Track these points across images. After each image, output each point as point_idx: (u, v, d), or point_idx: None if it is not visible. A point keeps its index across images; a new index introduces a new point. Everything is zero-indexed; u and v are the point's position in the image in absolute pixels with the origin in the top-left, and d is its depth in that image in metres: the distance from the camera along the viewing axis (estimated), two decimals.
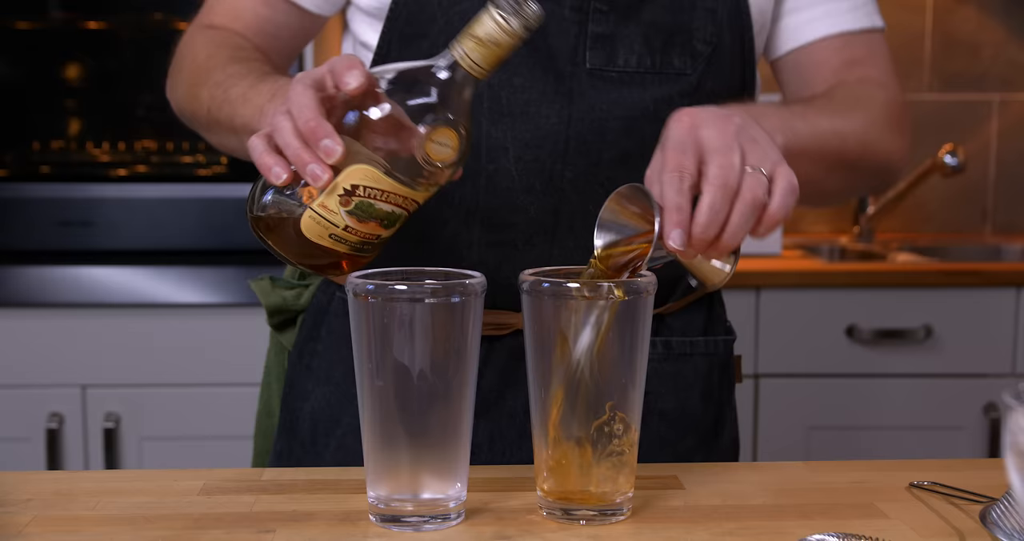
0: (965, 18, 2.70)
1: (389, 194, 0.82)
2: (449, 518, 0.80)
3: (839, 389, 2.21)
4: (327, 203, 0.81)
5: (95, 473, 0.94)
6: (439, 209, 1.02)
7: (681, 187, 0.81)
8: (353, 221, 0.82)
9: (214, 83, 1.03)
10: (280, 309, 1.21)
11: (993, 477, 0.90)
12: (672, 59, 1.03)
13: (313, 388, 1.12)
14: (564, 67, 1.01)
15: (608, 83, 1.02)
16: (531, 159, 1.01)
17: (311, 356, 1.14)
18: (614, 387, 0.80)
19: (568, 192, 1.02)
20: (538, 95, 1.01)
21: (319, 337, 1.14)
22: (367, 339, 0.78)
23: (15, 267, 2.07)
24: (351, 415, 1.07)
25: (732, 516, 0.83)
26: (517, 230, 1.03)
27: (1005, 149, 2.76)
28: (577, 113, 1.01)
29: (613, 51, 1.02)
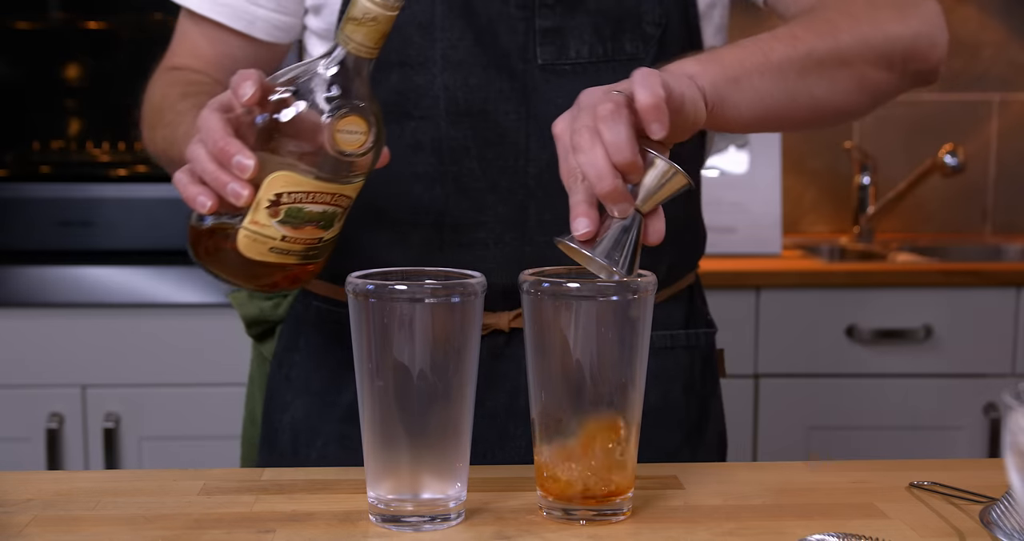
0: (965, 18, 2.70)
1: (315, 194, 0.81)
2: (449, 518, 0.80)
3: (839, 389, 2.21)
4: (257, 218, 0.81)
5: (95, 473, 0.94)
6: (408, 213, 1.03)
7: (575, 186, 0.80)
8: (288, 230, 0.82)
9: (165, 123, 1.03)
10: (258, 320, 1.21)
11: (993, 477, 0.90)
12: (624, 45, 1.03)
13: (292, 399, 1.12)
14: (516, 65, 1.01)
15: (562, 76, 1.02)
16: (494, 158, 1.02)
17: (290, 366, 1.14)
18: (614, 387, 0.80)
19: (534, 188, 1.02)
20: (495, 94, 1.01)
21: (297, 347, 1.13)
22: (367, 339, 0.78)
23: (15, 267, 2.07)
24: (331, 425, 1.08)
25: (732, 516, 0.83)
26: (487, 229, 1.03)
27: (1005, 149, 2.76)
28: (535, 109, 1.01)
29: (564, 44, 1.02)
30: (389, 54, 1.00)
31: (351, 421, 1.05)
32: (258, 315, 1.21)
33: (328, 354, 1.10)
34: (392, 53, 1.01)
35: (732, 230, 2.40)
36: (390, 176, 0.97)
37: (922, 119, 2.75)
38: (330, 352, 1.10)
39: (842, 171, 2.75)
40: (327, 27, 1.06)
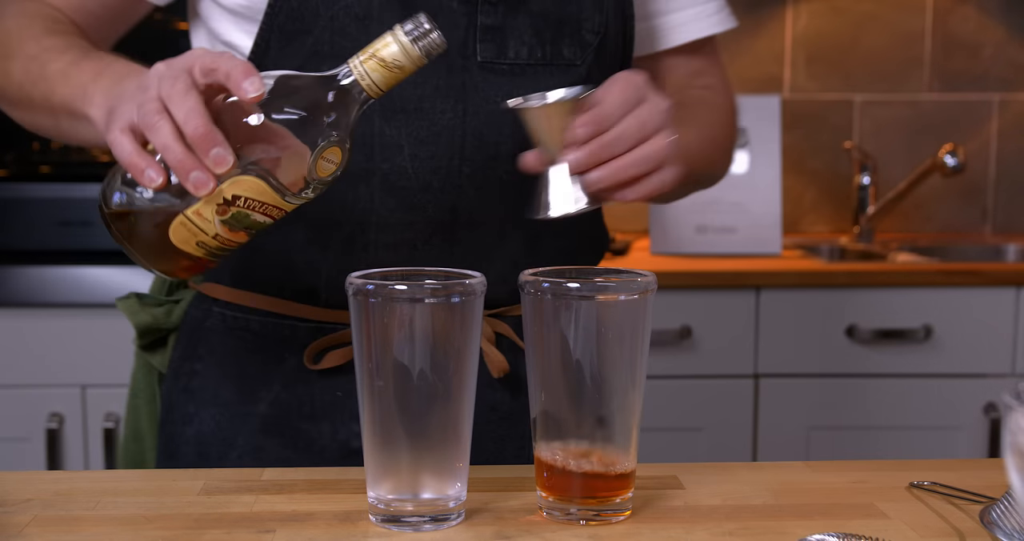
0: (965, 18, 2.70)
1: (268, 206, 0.80)
2: (449, 518, 0.80)
3: (839, 389, 2.21)
4: (203, 211, 0.79)
5: (95, 473, 0.94)
6: (332, 211, 1.00)
7: (625, 100, 0.86)
8: (225, 230, 0.80)
9: (28, 56, 0.98)
10: (151, 328, 1.16)
11: (993, 477, 0.90)
12: (562, 50, 1.03)
13: (197, 411, 1.08)
14: (455, 61, 1.00)
15: (500, 76, 1.01)
16: (427, 156, 0.99)
17: (189, 377, 1.09)
18: (614, 387, 0.80)
19: (466, 188, 1.00)
20: (432, 91, 0.99)
21: (197, 356, 1.09)
22: (367, 339, 0.78)
23: (15, 267, 2.07)
24: (246, 437, 1.05)
25: (732, 516, 0.83)
26: (415, 230, 1.01)
27: (1005, 149, 2.76)
28: (472, 107, 1.00)
29: (503, 43, 1.01)
30: (321, 46, 0.99)
31: (267, 432, 1.05)
32: (151, 323, 1.15)
33: (235, 363, 1.07)
34: (324, 45, 0.99)
35: (732, 230, 2.40)
36: None
37: (922, 119, 2.75)
38: (237, 361, 1.07)
39: (842, 171, 2.75)
40: (248, 4, 1.01)
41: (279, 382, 1.05)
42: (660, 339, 2.12)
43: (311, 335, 1.04)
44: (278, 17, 1.00)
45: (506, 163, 1.00)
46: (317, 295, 1.03)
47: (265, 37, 1.00)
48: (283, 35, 1.00)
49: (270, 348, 1.06)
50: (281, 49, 1.00)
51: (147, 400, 1.18)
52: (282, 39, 1.00)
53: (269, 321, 1.06)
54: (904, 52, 2.73)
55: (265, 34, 1.00)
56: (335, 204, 0.99)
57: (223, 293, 1.09)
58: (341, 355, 1.02)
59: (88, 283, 2.07)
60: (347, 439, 1.04)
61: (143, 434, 1.18)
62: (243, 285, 1.07)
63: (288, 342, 1.05)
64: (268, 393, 1.05)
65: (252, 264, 1.05)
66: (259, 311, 1.06)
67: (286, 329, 1.05)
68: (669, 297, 2.13)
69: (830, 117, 2.75)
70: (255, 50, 1.01)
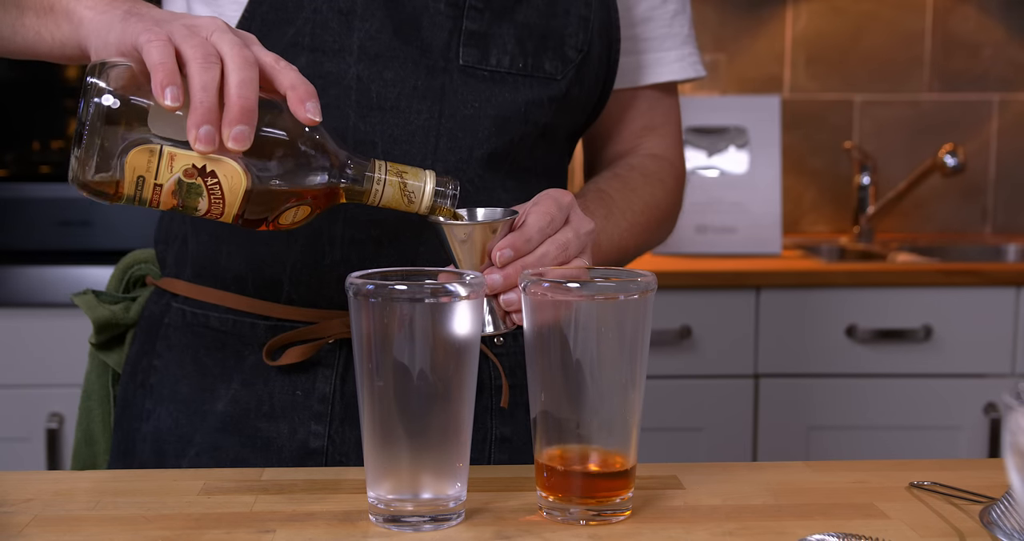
0: (965, 18, 2.71)
1: (221, 202, 0.79)
2: (449, 518, 0.80)
3: (839, 389, 2.21)
4: (176, 159, 0.77)
5: (95, 473, 0.94)
6: None
7: (544, 227, 0.86)
8: (170, 189, 0.77)
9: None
10: (109, 324, 1.13)
11: (993, 477, 0.90)
12: (543, 63, 1.03)
13: (154, 407, 1.07)
14: (437, 62, 1.00)
15: (480, 81, 1.01)
16: (399, 155, 0.99)
17: (147, 373, 1.08)
18: (614, 387, 0.80)
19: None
20: (409, 90, 0.99)
21: (156, 352, 1.08)
22: (367, 339, 0.78)
23: (15, 267, 2.07)
24: (204, 434, 1.04)
25: (732, 516, 0.83)
26: (383, 227, 1.00)
27: (1005, 149, 2.76)
28: (448, 109, 1.00)
29: (486, 49, 1.01)
30: (301, 37, 0.98)
31: (226, 430, 1.04)
32: (109, 318, 1.12)
33: (193, 360, 1.06)
34: (305, 37, 0.99)
35: (732, 230, 2.41)
36: None
37: (922, 119, 2.75)
38: (195, 358, 1.06)
39: (842, 171, 2.75)
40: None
41: (238, 380, 1.04)
42: (660, 339, 2.12)
43: (270, 332, 1.03)
44: (262, 5, 0.99)
45: (477, 167, 1.01)
46: (280, 290, 1.03)
47: (246, 25, 1.00)
48: (264, 24, 1.00)
49: (229, 345, 1.05)
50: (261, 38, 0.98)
51: (100, 402, 1.16)
52: (263, 28, 1.00)
53: (229, 318, 1.05)
54: (904, 52, 2.73)
55: (246, 22, 1.00)
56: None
57: (182, 288, 1.07)
58: (300, 352, 1.01)
59: (88, 283, 2.07)
60: (305, 439, 1.03)
61: (96, 437, 1.16)
62: (204, 279, 1.06)
63: (248, 340, 1.04)
64: (227, 391, 1.04)
65: (216, 253, 1.04)
66: (219, 307, 1.05)
67: (245, 326, 1.04)
68: (669, 297, 2.13)
69: (830, 117, 2.75)
70: None
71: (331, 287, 1.02)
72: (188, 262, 1.07)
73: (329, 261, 1.01)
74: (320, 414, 1.03)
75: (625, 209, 1.08)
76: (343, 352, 1.03)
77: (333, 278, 1.01)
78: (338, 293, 1.01)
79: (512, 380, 1.07)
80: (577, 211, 0.90)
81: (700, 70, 1.19)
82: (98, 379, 1.17)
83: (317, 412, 1.03)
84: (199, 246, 1.06)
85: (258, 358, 1.03)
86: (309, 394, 1.03)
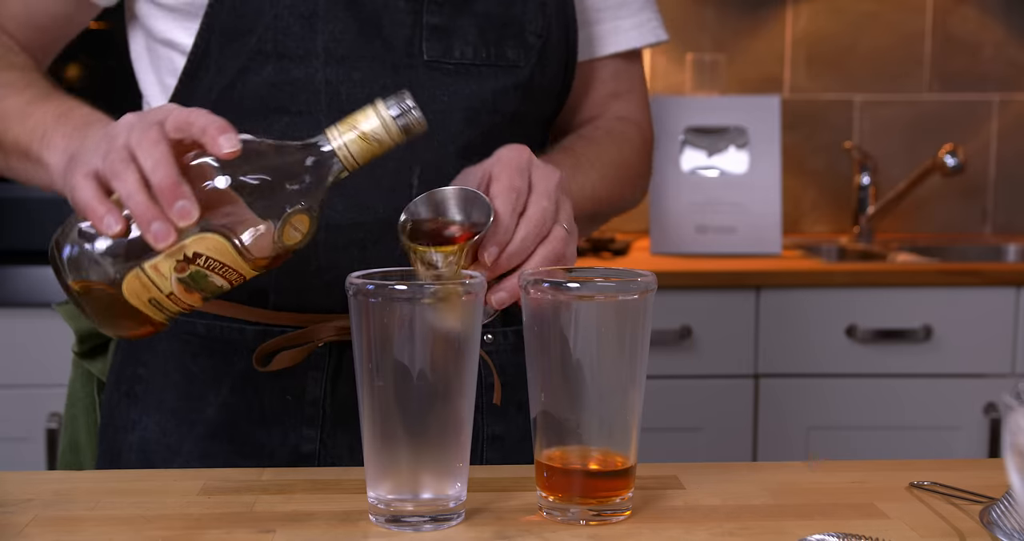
0: (965, 18, 2.70)
1: (228, 268, 0.78)
2: (449, 518, 0.80)
3: (839, 389, 2.21)
4: (160, 266, 0.76)
5: (95, 473, 0.94)
6: None
7: (515, 207, 0.84)
8: (180, 289, 0.78)
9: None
10: (92, 333, 1.12)
11: (993, 477, 0.90)
12: (506, 51, 1.03)
13: (140, 417, 1.05)
14: (401, 59, 1.00)
15: (446, 75, 1.01)
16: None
17: (132, 382, 1.07)
18: (614, 387, 0.80)
19: (417, 186, 1.00)
20: (379, 89, 0.98)
21: (141, 361, 1.07)
22: (367, 339, 0.78)
23: (15, 267, 2.07)
24: (193, 443, 1.03)
25: (732, 516, 0.83)
26: (365, 230, 1.00)
27: (1005, 149, 2.76)
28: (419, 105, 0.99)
29: (449, 43, 1.01)
30: (265, 45, 0.98)
31: (215, 438, 1.03)
32: (92, 328, 1.09)
33: (180, 367, 1.05)
34: (268, 44, 0.98)
35: (732, 230, 2.40)
36: None
37: (922, 119, 2.75)
38: (182, 365, 1.05)
39: (842, 171, 2.75)
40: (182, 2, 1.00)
41: (227, 387, 1.03)
42: (660, 339, 2.12)
43: (259, 338, 1.02)
44: (220, 14, 0.98)
45: (454, 161, 1.00)
46: (266, 297, 1.02)
47: (205, 36, 0.99)
48: (224, 34, 0.99)
49: (217, 352, 1.04)
50: (222, 49, 0.99)
51: (85, 410, 1.14)
52: (223, 38, 0.99)
53: (215, 324, 1.03)
54: (904, 52, 2.73)
55: (206, 33, 0.99)
56: None
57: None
58: (291, 357, 1.00)
59: None
60: (297, 444, 1.03)
61: (81, 445, 1.15)
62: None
63: (235, 345, 1.03)
64: (216, 398, 1.03)
65: None
66: (205, 314, 1.03)
67: (233, 332, 1.03)
68: (669, 297, 2.13)
69: (830, 117, 2.75)
70: (195, 50, 1.00)
71: (318, 292, 1.01)
72: None
73: (314, 267, 1.00)
74: (311, 418, 1.03)
75: (594, 160, 1.07)
76: (333, 355, 1.03)
77: (320, 284, 1.01)
78: (326, 297, 1.00)
79: (503, 378, 1.05)
80: (539, 165, 0.89)
81: (661, 34, 1.17)
82: (83, 387, 1.15)
83: (308, 416, 1.03)
84: None
85: (247, 364, 1.02)
86: (300, 399, 1.03)
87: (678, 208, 2.42)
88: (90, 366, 1.13)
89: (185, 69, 1.01)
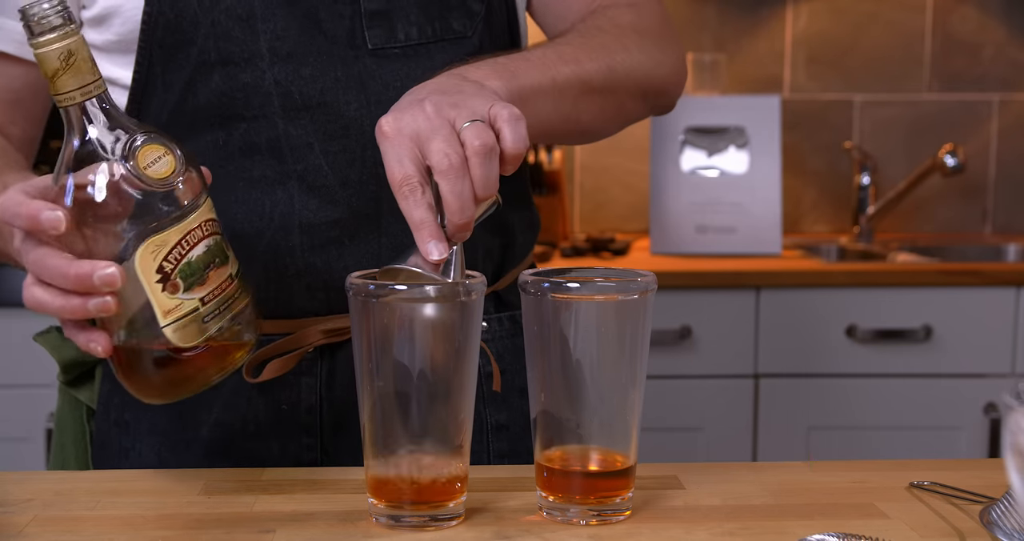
0: (965, 18, 2.70)
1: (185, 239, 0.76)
2: (449, 518, 0.80)
3: (839, 389, 2.21)
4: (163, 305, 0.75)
5: (95, 473, 0.94)
6: (251, 221, 0.97)
7: (417, 199, 0.77)
8: (199, 289, 0.76)
9: None
10: (76, 362, 1.08)
11: (993, 477, 0.90)
12: (451, 23, 1.00)
13: (133, 444, 1.04)
14: (346, 52, 0.97)
15: (394, 60, 0.98)
16: (339, 150, 0.97)
17: (121, 409, 1.04)
18: (614, 387, 0.80)
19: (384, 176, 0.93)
20: (332, 83, 0.96)
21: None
22: (367, 339, 0.78)
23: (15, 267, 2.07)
24: (192, 463, 1.01)
25: (732, 516, 0.83)
26: (340, 227, 0.98)
27: (1005, 149, 2.76)
28: (374, 97, 0.97)
29: (391, 26, 0.98)
30: (207, 54, 0.96)
31: (213, 456, 1.01)
32: (76, 357, 1.07)
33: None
34: (211, 52, 0.96)
35: (732, 230, 2.41)
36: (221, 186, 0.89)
37: (922, 119, 2.75)
38: None
39: (842, 171, 2.75)
40: (118, 39, 0.98)
41: (219, 404, 1.01)
42: (660, 339, 2.12)
43: None
44: (155, 33, 0.96)
45: None
46: None
47: (146, 57, 0.97)
48: (164, 51, 0.97)
49: None
50: (165, 66, 0.97)
51: (74, 439, 1.10)
52: (164, 56, 0.97)
53: None
54: (904, 52, 2.73)
55: (145, 54, 0.97)
56: (254, 214, 0.97)
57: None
58: (281, 365, 0.97)
59: None
60: (298, 453, 1.01)
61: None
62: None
63: None
64: (208, 416, 1.01)
65: None
66: None
67: None
68: (669, 297, 2.13)
69: (830, 117, 2.75)
70: (136, 77, 0.98)
71: (301, 296, 0.99)
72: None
73: (293, 271, 0.98)
74: (309, 426, 1.01)
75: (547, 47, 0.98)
76: (325, 360, 1.01)
77: (301, 287, 0.99)
78: (310, 301, 0.99)
79: (501, 365, 1.04)
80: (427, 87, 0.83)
81: None
82: (71, 414, 1.11)
83: (306, 425, 1.01)
84: None
85: (236, 379, 0.97)
86: (295, 407, 1.01)
87: (678, 208, 2.42)
88: (78, 394, 1.10)
89: (132, 95, 0.99)
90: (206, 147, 0.97)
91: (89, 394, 1.10)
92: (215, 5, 0.95)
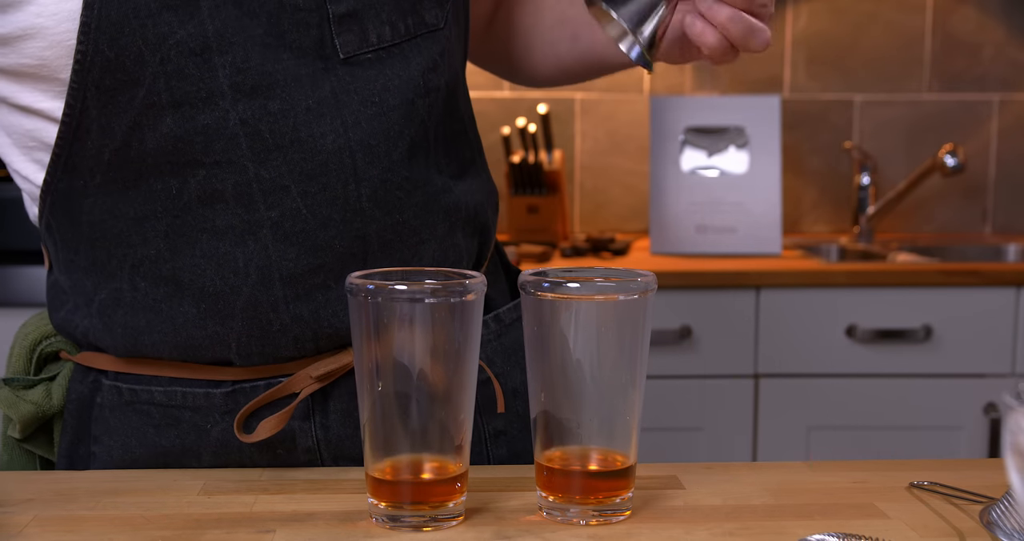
0: (965, 18, 2.71)
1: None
2: (449, 518, 0.80)
3: (839, 389, 2.21)
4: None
5: (95, 473, 0.94)
6: (224, 278, 0.88)
7: None
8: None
9: None
10: (36, 417, 0.97)
11: (993, 477, 0.90)
12: (424, 16, 0.92)
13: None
14: (316, 65, 0.87)
15: (369, 68, 0.89)
16: (319, 190, 0.88)
17: (87, 461, 0.97)
18: (614, 387, 0.80)
19: (370, 210, 0.90)
20: (303, 114, 0.86)
21: (93, 438, 0.96)
22: (367, 339, 0.78)
23: (15, 267, 2.07)
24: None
25: (732, 516, 0.83)
26: (325, 272, 0.89)
27: (1005, 149, 2.76)
28: (351, 117, 0.88)
29: (362, 29, 0.89)
30: (156, 95, 0.84)
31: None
32: (34, 413, 0.97)
33: (143, 442, 0.95)
34: (160, 93, 0.84)
35: (732, 230, 2.41)
36: (180, 239, 0.84)
37: (922, 119, 2.75)
38: (144, 440, 0.95)
39: (842, 171, 2.75)
40: (39, 64, 0.84)
41: (207, 455, 0.94)
42: (660, 339, 2.12)
43: (230, 400, 0.93)
44: (91, 73, 0.83)
45: (402, 168, 0.91)
46: (228, 363, 0.92)
47: (79, 100, 0.84)
48: (101, 92, 0.84)
49: (185, 420, 0.94)
50: (104, 109, 0.84)
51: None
52: (102, 98, 0.84)
53: (176, 390, 0.93)
54: (904, 52, 2.73)
55: (78, 96, 0.84)
56: (226, 269, 0.88)
57: (108, 363, 0.95)
58: (275, 423, 0.90)
59: None
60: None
61: None
62: (134, 354, 0.93)
63: (205, 412, 0.93)
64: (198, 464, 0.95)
65: (140, 340, 0.92)
66: (160, 378, 0.93)
67: (199, 398, 0.93)
68: (669, 297, 2.13)
69: (830, 117, 2.75)
70: (67, 121, 0.85)
71: (288, 348, 0.92)
72: (109, 342, 0.93)
73: (278, 327, 0.90)
74: (310, 463, 0.96)
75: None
76: (317, 400, 0.94)
77: (288, 340, 0.91)
78: (296, 348, 0.92)
79: (493, 369, 1.00)
80: None
81: None
82: (22, 469, 1.01)
83: (305, 462, 0.96)
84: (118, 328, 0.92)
85: (223, 428, 0.93)
86: (292, 450, 0.95)
87: (678, 208, 2.42)
88: (34, 449, 1.00)
89: (61, 137, 0.86)
90: (155, 197, 0.87)
91: (48, 448, 1.01)
92: (163, 41, 0.83)
